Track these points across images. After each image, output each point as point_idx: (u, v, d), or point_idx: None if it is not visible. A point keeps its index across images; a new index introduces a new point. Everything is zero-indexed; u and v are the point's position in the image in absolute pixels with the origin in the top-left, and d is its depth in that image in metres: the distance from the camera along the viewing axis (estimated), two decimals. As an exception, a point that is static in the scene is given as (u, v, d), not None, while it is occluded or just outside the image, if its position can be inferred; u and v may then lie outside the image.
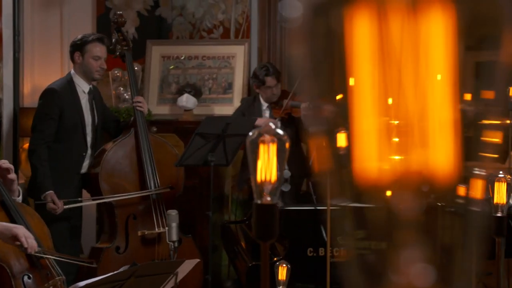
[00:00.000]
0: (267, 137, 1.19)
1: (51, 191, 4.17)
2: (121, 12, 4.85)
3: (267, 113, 5.11)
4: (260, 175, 1.19)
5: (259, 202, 1.20)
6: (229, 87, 5.77)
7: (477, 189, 1.00)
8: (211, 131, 4.29)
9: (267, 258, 1.23)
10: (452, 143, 0.87)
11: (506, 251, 3.34)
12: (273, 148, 1.18)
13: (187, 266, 2.86)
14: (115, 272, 2.71)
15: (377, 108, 0.88)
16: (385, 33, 0.83)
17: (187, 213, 4.54)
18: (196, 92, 5.60)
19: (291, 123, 5.01)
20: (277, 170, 1.20)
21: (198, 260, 3.03)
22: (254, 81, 5.12)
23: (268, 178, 1.19)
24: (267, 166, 1.19)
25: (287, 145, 1.22)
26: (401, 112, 0.86)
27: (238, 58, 5.81)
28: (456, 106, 0.88)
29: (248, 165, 1.21)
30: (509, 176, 2.07)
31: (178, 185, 4.55)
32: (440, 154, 0.86)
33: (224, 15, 5.92)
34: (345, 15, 0.86)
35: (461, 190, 0.93)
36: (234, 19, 5.91)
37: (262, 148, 1.19)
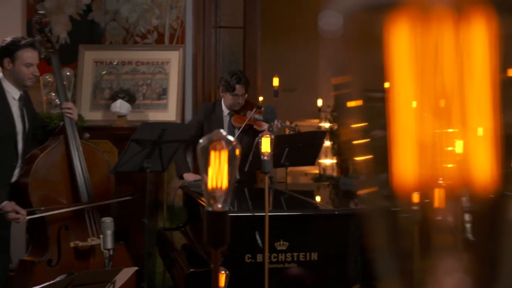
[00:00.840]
0: (218, 143, 1.18)
1: (6, 202, 3.98)
2: (43, 12, 4.64)
3: (227, 120, 5.12)
4: (211, 182, 1.18)
5: (210, 209, 1.19)
6: (163, 93, 5.73)
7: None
8: (147, 137, 4.24)
9: (218, 265, 1.22)
10: (492, 153, 0.88)
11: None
12: (224, 155, 1.18)
13: (125, 274, 2.82)
14: (51, 282, 2.64)
15: (418, 113, 0.89)
16: (428, 39, 0.84)
17: (120, 220, 4.47)
18: (130, 98, 5.54)
19: (250, 133, 5.04)
20: (229, 177, 1.19)
21: (136, 268, 2.99)
22: (223, 86, 5.09)
23: (219, 185, 1.18)
24: (218, 173, 1.18)
25: (237, 151, 1.21)
26: (443, 117, 0.87)
27: (173, 63, 5.78)
28: (496, 117, 0.89)
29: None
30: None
31: (109, 193, 4.44)
32: (480, 163, 0.87)
33: (159, 21, 5.88)
34: (386, 21, 0.87)
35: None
36: (168, 25, 5.88)
37: (213, 155, 1.18)
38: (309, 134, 5.45)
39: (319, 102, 9.55)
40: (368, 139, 1.07)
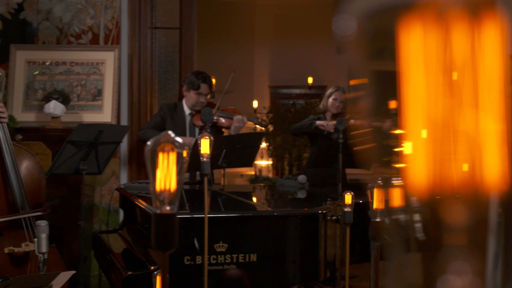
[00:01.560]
0: (166, 145, 1.17)
1: None
2: None
3: (188, 119, 5.11)
4: (160, 184, 1.17)
5: (158, 211, 1.18)
6: (98, 94, 5.65)
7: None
8: (83, 139, 4.17)
9: (167, 269, 1.21)
10: (504, 155, 0.89)
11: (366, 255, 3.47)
12: (172, 156, 1.17)
13: (62, 279, 2.76)
14: (-15, 287, 2.57)
15: (433, 116, 0.89)
16: (444, 41, 0.84)
17: (55, 223, 4.38)
18: (64, 99, 5.45)
19: (213, 132, 5.05)
20: (177, 180, 1.18)
21: (73, 272, 2.94)
22: (187, 84, 5.10)
23: (167, 187, 1.17)
24: (166, 175, 1.17)
25: (185, 153, 1.21)
26: (457, 121, 0.87)
27: (108, 64, 5.70)
28: (508, 118, 0.90)
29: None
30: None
31: (41, 196, 4.34)
32: (492, 165, 0.88)
33: (93, 21, 5.79)
34: (399, 22, 0.87)
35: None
36: (103, 25, 5.80)
37: (161, 157, 1.17)
38: (247, 136, 5.46)
39: (255, 104, 9.59)
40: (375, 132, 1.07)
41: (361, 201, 3.59)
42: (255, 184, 8.30)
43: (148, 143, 1.19)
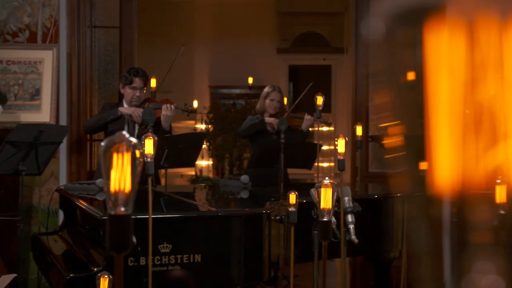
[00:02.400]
0: (121, 146, 1.16)
1: None
2: None
3: (127, 117, 5.05)
4: (114, 185, 1.16)
5: (112, 212, 1.16)
6: (36, 93, 5.55)
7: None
8: (23, 139, 4.09)
9: (121, 271, 1.19)
10: None
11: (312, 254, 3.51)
12: (127, 157, 1.16)
13: (3, 282, 2.71)
14: None
15: (460, 118, 0.89)
16: (473, 46, 0.85)
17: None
18: (1, 99, 5.33)
19: (153, 129, 5.01)
20: (132, 180, 1.17)
21: (14, 275, 2.88)
22: (122, 81, 5.09)
23: (122, 188, 1.16)
24: (121, 175, 1.16)
25: (137, 153, 1.20)
26: (486, 124, 0.88)
27: (46, 63, 5.61)
28: None
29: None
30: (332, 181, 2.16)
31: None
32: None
33: (31, 19, 5.68)
34: (427, 26, 0.87)
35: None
36: (41, 23, 5.69)
37: (115, 157, 1.16)
38: (189, 136, 5.45)
39: (195, 104, 9.57)
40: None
41: (305, 201, 3.61)
42: (196, 185, 8.28)
43: (102, 143, 1.17)
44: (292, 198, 3.41)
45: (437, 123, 0.99)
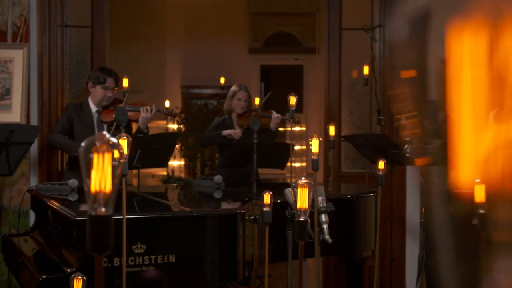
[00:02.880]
0: (101, 146, 1.15)
1: None
2: None
3: (95, 117, 5.01)
4: (95, 186, 1.15)
5: (93, 213, 1.16)
6: (6, 93, 5.48)
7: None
8: (-6, 140, 4.04)
9: (102, 272, 1.19)
10: None
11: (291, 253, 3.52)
12: (108, 157, 1.15)
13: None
14: None
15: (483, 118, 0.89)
16: (498, 47, 0.85)
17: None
18: (-29, 98, 5.26)
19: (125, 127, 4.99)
20: (112, 181, 1.17)
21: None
22: (93, 80, 5.02)
23: (103, 188, 1.15)
24: (101, 176, 1.15)
25: (117, 153, 1.19)
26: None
27: (17, 63, 5.54)
28: None
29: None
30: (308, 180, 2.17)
31: None
32: None
33: (0, 17, 5.61)
34: (450, 27, 0.87)
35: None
36: (11, 22, 5.63)
37: (96, 158, 1.15)
38: (162, 136, 5.43)
39: (167, 103, 9.53)
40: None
41: (279, 201, 3.61)
42: (168, 185, 8.25)
43: (82, 144, 1.17)
44: (267, 198, 3.41)
45: (460, 121, 1.00)
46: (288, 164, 5.46)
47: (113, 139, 1.17)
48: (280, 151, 5.51)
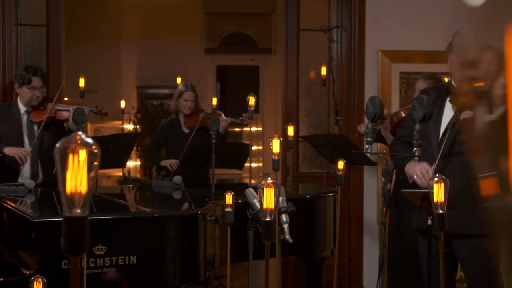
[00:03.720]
0: (77, 146, 1.14)
1: None
2: None
3: (24, 118, 4.88)
4: (70, 187, 1.14)
5: (68, 214, 1.14)
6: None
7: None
8: None
9: (77, 274, 1.17)
10: None
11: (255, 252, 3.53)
12: (83, 158, 1.14)
13: None
14: None
15: None
16: None
17: None
18: None
19: (52, 126, 4.87)
20: (88, 182, 1.15)
21: None
22: (18, 80, 4.86)
23: (78, 190, 1.14)
24: (76, 177, 1.14)
25: (95, 154, 1.18)
26: None
27: (-30, 61, 5.44)
28: None
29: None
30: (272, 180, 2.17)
31: None
32: None
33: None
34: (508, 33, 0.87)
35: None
36: (-37, 20, 5.52)
37: (71, 158, 1.14)
38: (120, 136, 5.38)
39: (122, 104, 9.46)
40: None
41: (240, 201, 3.61)
42: (124, 185, 8.18)
43: (57, 145, 1.15)
44: (229, 198, 3.41)
45: None
46: (246, 164, 5.47)
47: (89, 140, 1.16)
48: (238, 151, 5.51)
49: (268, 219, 2.11)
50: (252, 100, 4.99)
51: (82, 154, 1.15)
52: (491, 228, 3.44)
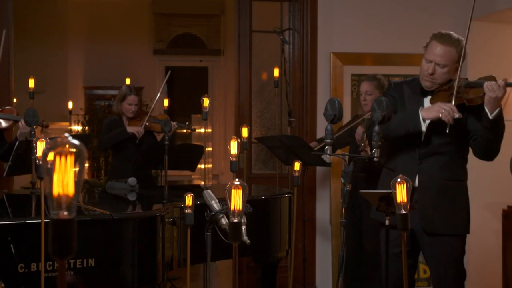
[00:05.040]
0: (64, 148, 1.13)
1: None
2: None
3: None
4: (57, 189, 1.13)
5: (55, 217, 1.13)
6: None
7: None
8: None
9: (64, 276, 1.16)
10: None
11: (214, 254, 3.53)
12: (70, 160, 1.13)
13: None
14: None
15: None
16: None
17: None
18: None
19: None
20: (75, 184, 1.15)
21: None
22: None
23: (65, 192, 1.13)
24: (63, 179, 1.13)
25: (83, 156, 1.17)
26: None
27: None
28: None
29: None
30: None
31: None
32: None
33: None
34: None
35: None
36: None
37: (58, 160, 1.13)
38: (76, 138, 5.29)
39: (70, 105, 9.32)
40: None
41: (198, 203, 3.61)
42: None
43: (45, 147, 1.14)
44: (189, 200, 3.41)
45: None
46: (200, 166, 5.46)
47: (76, 141, 1.15)
48: (192, 153, 5.50)
49: (236, 220, 2.12)
50: (206, 102, 4.99)
51: (70, 156, 1.14)
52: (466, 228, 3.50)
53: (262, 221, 4.32)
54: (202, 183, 9.57)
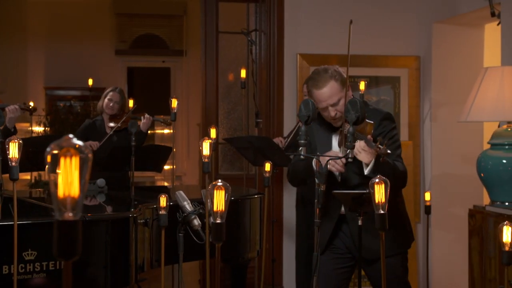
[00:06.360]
0: (69, 150, 1.13)
1: None
2: None
3: None
4: (62, 190, 1.12)
5: (60, 218, 1.13)
6: None
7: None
8: None
9: (70, 278, 1.16)
10: None
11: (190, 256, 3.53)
12: (75, 161, 1.13)
13: None
14: None
15: None
16: None
17: None
18: None
19: None
20: (80, 185, 1.14)
21: None
22: None
23: (71, 193, 1.13)
24: (68, 180, 1.13)
25: (87, 157, 1.17)
26: None
27: None
28: None
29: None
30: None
31: None
32: None
33: None
34: None
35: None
36: None
37: (63, 162, 1.12)
38: (43, 138, 5.25)
39: (31, 105, 9.20)
40: None
41: (171, 203, 3.60)
42: (34, 189, 7.97)
43: (48, 148, 1.14)
44: (163, 201, 3.40)
45: None
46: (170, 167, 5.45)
47: (80, 142, 1.15)
48: (159, 154, 5.49)
49: (218, 221, 2.13)
50: (174, 103, 5.00)
51: (75, 157, 1.13)
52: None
53: (232, 222, 4.32)
54: (166, 183, 9.54)
